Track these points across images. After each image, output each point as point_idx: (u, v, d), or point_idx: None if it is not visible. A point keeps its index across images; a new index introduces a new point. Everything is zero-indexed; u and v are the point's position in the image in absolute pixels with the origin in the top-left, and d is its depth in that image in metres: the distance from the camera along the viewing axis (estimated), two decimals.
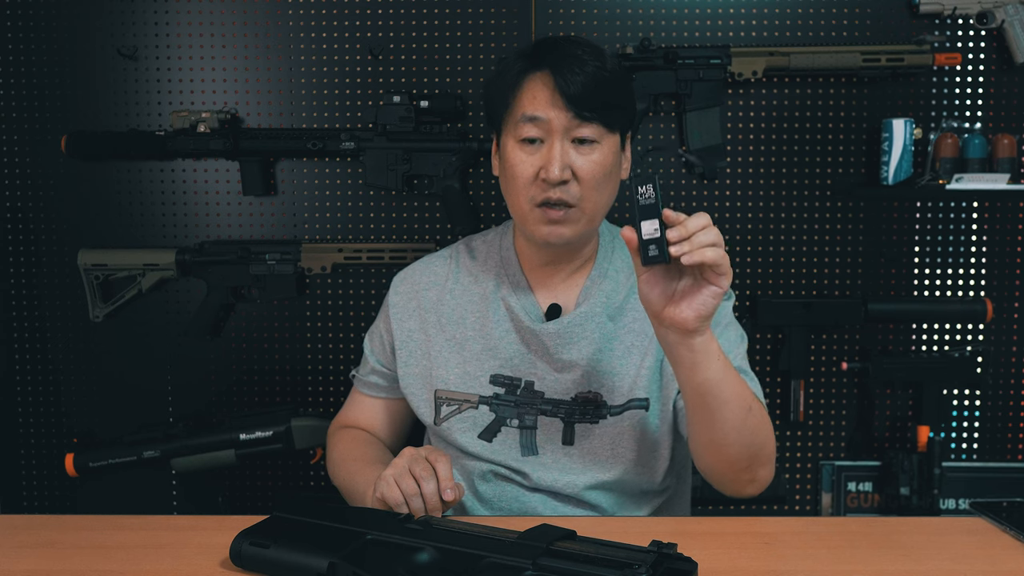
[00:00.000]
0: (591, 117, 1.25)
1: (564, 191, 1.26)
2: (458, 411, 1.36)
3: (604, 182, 1.29)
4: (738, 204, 2.08)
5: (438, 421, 1.37)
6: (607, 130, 1.28)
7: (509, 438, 1.35)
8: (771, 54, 1.97)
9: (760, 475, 1.25)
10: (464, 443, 1.36)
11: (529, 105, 1.27)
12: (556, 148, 1.25)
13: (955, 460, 2.10)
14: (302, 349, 2.13)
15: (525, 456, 1.35)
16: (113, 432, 2.00)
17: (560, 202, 1.27)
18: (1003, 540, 1.13)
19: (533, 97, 1.27)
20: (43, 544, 1.12)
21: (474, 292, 1.40)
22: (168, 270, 2.04)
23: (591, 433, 1.34)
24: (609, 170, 1.29)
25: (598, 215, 1.32)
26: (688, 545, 1.10)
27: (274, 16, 2.06)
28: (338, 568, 0.95)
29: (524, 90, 1.28)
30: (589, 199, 1.28)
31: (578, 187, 1.27)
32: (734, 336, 1.37)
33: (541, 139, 1.27)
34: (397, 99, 1.99)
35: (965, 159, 1.97)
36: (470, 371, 1.37)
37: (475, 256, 1.44)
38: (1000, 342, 2.10)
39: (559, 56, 1.27)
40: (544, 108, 1.26)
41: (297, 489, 2.15)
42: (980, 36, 2.03)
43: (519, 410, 1.35)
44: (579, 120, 1.25)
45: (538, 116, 1.26)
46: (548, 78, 1.26)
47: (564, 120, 1.25)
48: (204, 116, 2.01)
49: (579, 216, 1.29)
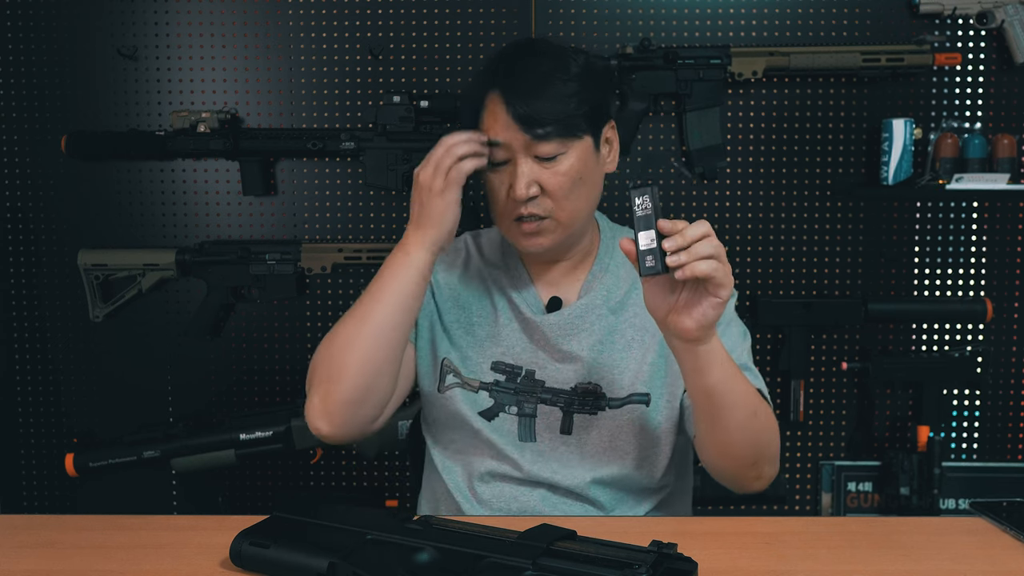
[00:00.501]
0: (546, 135, 1.27)
1: (534, 205, 1.29)
2: (461, 386, 1.37)
3: (575, 189, 1.30)
4: (738, 204, 2.08)
5: (442, 388, 1.38)
6: (571, 139, 1.29)
7: (507, 424, 1.36)
8: (771, 54, 1.97)
9: (766, 472, 1.28)
10: (465, 412, 1.36)
11: (491, 129, 1.30)
12: (520, 167, 1.28)
13: (955, 460, 2.10)
14: (302, 349, 2.13)
15: (523, 442, 1.35)
16: (113, 432, 2.00)
17: (532, 216, 1.29)
18: (1003, 540, 1.13)
19: (494, 120, 1.29)
20: (43, 544, 1.12)
21: (479, 283, 1.42)
22: (168, 270, 2.04)
23: (590, 424, 1.35)
24: (579, 176, 1.30)
25: (576, 219, 1.34)
26: (688, 545, 1.10)
27: (274, 16, 2.06)
28: (338, 568, 0.95)
29: (486, 112, 1.31)
30: (562, 208, 1.30)
31: (548, 200, 1.29)
32: (737, 333, 1.38)
33: (507, 159, 1.30)
34: (397, 99, 1.99)
35: (965, 159, 1.97)
36: (472, 356, 1.38)
37: (480, 249, 1.46)
38: (1000, 342, 2.10)
39: (509, 73, 1.29)
40: (502, 131, 1.28)
41: (297, 489, 2.15)
42: (980, 36, 2.03)
43: (518, 397, 1.35)
44: (536, 140, 1.27)
45: (498, 141, 1.29)
46: (500, 97, 1.28)
47: (522, 140, 1.27)
48: (204, 116, 2.01)
49: (554, 226, 1.31)
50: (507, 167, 1.29)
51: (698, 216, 2.08)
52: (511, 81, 1.27)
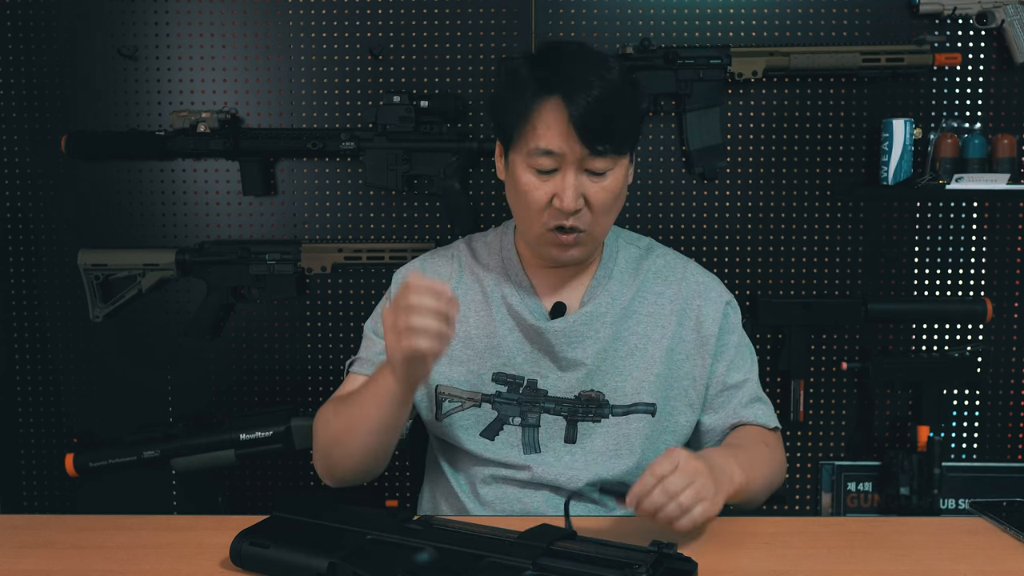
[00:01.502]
0: (604, 151, 1.25)
1: (577, 219, 1.28)
2: (460, 408, 1.36)
3: (614, 205, 1.31)
4: (738, 204, 2.08)
5: (439, 417, 1.37)
6: (621, 156, 1.29)
7: (511, 437, 1.35)
8: (771, 54, 1.97)
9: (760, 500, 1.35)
10: (464, 440, 1.36)
11: (544, 137, 1.25)
12: (570, 178, 1.26)
13: (955, 460, 2.10)
14: (302, 349, 2.13)
15: (528, 454, 1.35)
16: (113, 432, 2.00)
17: (572, 228, 1.28)
18: (1003, 540, 1.13)
19: (547, 127, 1.25)
20: (43, 544, 1.12)
21: (476, 291, 1.40)
22: (168, 270, 2.04)
23: (593, 432, 1.34)
24: (620, 192, 1.31)
25: (606, 233, 1.35)
26: (688, 545, 1.10)
27: (274, 16, 2.06)
28: (338, 568, 0.95)
29: (539, 118, 1.26)
30: (600, 224, 1.30)
31: (590, 215, 1.28)
32: (747, 360, 1.41)
33: (555, 168, 1.27)
34: (397, 99, 1.99)
35: (965, 159, 1.97)
36: (473, 369, 1.37)
37: (476, 256, 1.44)
38: (1000, 342, 2.10)
39: (569, 78, 1.25)
40: (558, 142, 1.25)
41: (297, 489, 2.15)
42: (980, 36, 2.03)
43: (521, 408, 1.35)
44: (593, 155, 1.25)
45: (552, 151, 1.25)
46: (560, 106, 1.24)
47: (578, 153, 1.25)
48: (204, 116, 2.01)
49: (589, 240, 1.31)
50: (552, 176, 1.27)
51: (697, 216, 2.08)
52: (573, 88, 1.23)
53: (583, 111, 1.22)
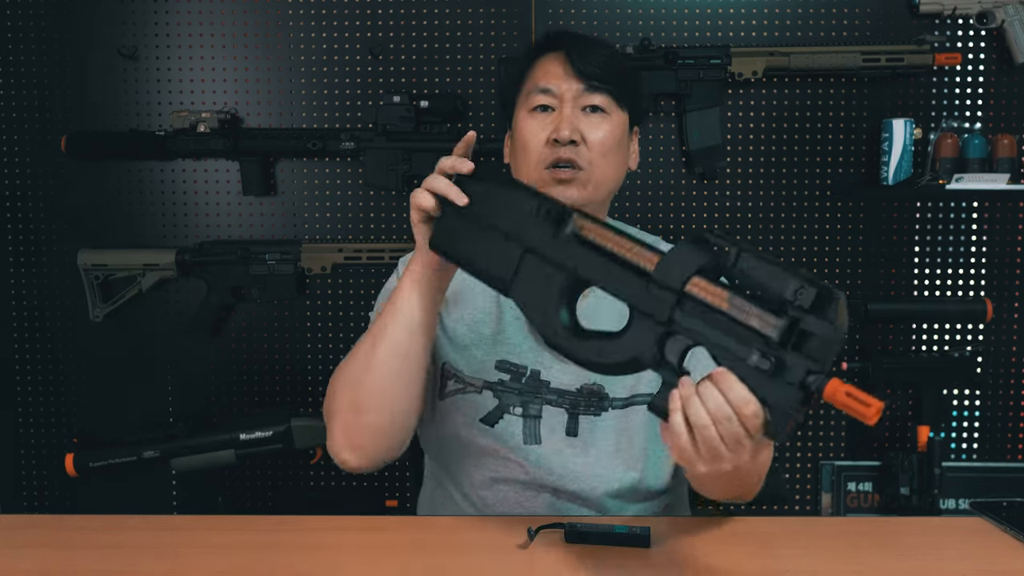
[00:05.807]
0: (601, 88, 1.31)
1: (574, 151, 1.30)
2: (462, 391, 1.36)
3: (612, 152, 1.33)
4: (738, 204, 2.08)
5: (442, 395, 1.37)
6: (616, 104, 1.33)
7: (512, 426, 1.35)
8: (771, 54, 1.97)
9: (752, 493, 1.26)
10: (462, 426, 1.35)
11: (542, 79, 1.33)
12: (567, 110, 1.31)
13: (955, 460, 2.10)
14: (302, 349, 2.13)
15: (527, 445, 1.35)
16: (113, 432, 2.00)
17: (569, 162, 1.31)
18: (1003, 540, 1.13)
19: (546, 72, 1.33)
20: (43, 544, 1.12)
21: None
22: (168, 270, 2.04)
23: (595, 426, 1.34)
24: (618, 141, 1.34)
25: (604, 185, 1.35)
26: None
27: (274, 16, 2.06)
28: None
29: (537, 67, 1.35)
30: (597, 165, 1.32)
31: (587, 151, 1.31)
32: None
33: (552, 107, 1.33)
34: (397, 99, 1.99)
35: (965, 159, 1.97)
36: (477, 355, 1.37)
37: None
38: (1000, 342, 2.10)
39: (573, 39, 1.35)
40: (556, 81, 1.32)
41: (297, 489, 2.15)
42: (980, 36, 2.03)
43: (523, 398, 1.35)
44: (590, 90, 1.31)
45: (550, 88, 1.32)
46: (561, 57, 1.33)
47: (575, 90, 1.31)
48: (204, 116, 2.01)
49: (587, 179, 1.32)
50: (550, 114, 1.32)
51: (697, 216, 2.09)
52: (578, 44, 1.34)
53: (581, 54, 1.32)
